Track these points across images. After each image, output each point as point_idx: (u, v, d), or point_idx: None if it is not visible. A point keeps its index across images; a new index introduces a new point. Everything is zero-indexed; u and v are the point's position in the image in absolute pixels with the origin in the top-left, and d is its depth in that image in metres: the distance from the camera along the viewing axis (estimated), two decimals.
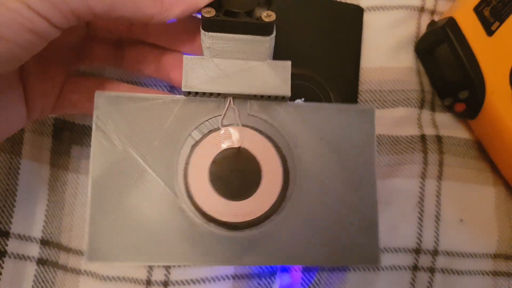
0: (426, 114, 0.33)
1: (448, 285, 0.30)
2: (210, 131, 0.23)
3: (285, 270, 0.30)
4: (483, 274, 0.31)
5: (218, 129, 0.23)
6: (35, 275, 0.29)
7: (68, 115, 0.30)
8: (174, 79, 0.26)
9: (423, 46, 0.32)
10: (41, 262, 0.29)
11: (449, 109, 0.33)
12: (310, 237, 0.23)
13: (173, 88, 0.31)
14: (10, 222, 0.29)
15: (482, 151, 0.33)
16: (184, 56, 0.23)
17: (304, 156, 0.23)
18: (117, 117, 0.23)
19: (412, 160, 0.31)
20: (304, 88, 0.30)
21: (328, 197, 0.23)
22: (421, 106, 0.33)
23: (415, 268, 0.30)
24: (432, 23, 0.32)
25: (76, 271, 0.29)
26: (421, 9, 0.33)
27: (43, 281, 0.29)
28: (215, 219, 0.22)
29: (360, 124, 0.24)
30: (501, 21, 0.30)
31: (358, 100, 0.32)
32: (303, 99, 0.29)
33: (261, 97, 0.23)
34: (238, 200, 0.22)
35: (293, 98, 0.24)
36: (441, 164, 0.31)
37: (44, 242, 0.29)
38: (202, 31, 0.22)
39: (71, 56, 0.26)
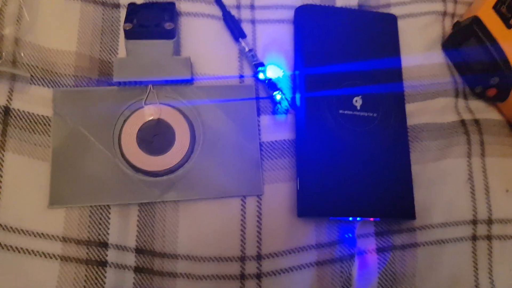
0: (461, 102, 0.37)
1: (507, 249, 0.34)
2: (137, 109, 0.33)
3: (361, 253, 0.33)
4: None
5: (142, 107, 0.33)
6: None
7: None
8: None
9: (452, 43, 0.37)
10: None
11: (479, 95, 0.37)
12: (214, 176, 0.32)
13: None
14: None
15: None
16: (115, 58, 0.34)
17: (207, 120, 0.33)
18: (69, 104, 0.32)
19: (457, 142, 0.35)
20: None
21: (226, 147, 0.33)
22: (456, 96, 0.37)
23: (474, 237, 0.34)
24: (457, 23, 0.37)
25: (173, 275, 0.30)
26: (444, 13, 0.39)
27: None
28: (141, 169, 0.31)
29: (244, 96, 0.34)
30: None
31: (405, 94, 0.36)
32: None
33: (171, 82, 0.33)
34: (158, 155, 0.32)
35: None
36: (482, 143, 0.36)
37: (139, 251, 0.31)
38: (125, 40, 0.32)
39: None
